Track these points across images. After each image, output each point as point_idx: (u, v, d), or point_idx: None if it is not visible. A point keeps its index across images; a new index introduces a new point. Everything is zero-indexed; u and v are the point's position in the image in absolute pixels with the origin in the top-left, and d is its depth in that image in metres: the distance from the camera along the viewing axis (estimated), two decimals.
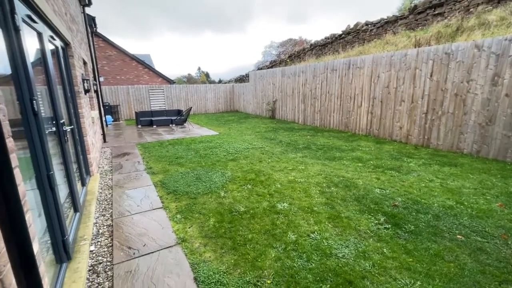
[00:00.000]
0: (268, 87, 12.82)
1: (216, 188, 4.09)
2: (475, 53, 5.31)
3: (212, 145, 7.10)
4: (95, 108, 6.95)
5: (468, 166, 4.80)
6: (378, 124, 7.49)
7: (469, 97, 5.48)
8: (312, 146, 6.73)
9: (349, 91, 8.31)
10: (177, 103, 15.34)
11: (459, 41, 6.83)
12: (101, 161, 5.85)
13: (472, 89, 5.41)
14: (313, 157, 5.70)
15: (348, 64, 8.23)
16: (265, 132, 8.99)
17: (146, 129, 10.64)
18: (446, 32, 7.53)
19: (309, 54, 14.71)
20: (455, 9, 8.32)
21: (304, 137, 7.90)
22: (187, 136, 8.60)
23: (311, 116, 10.15)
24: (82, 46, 5.95)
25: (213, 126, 10.74)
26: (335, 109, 8.94)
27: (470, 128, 5.51)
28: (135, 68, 16.99)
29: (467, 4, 8.01)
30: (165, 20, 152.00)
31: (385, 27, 10.56)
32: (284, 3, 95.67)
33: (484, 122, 5.29)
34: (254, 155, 6.05)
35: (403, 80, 6.69)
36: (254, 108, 14.59)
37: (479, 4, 7.66)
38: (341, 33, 12.60)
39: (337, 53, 11.86)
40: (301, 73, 10.36)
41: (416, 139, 6.53)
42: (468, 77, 5.46)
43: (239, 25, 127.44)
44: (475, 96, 5.37)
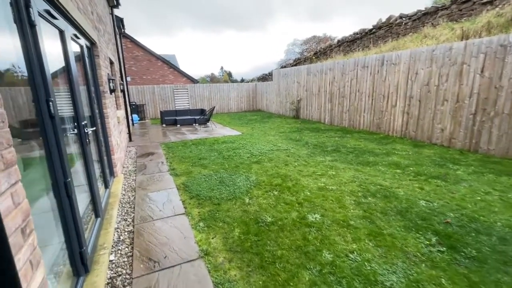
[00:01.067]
0: (292, 85, 12.40)
1: (240, 193, 3.85)
2: None
3: (235, 146, 6.89)
4: (121, 108, 7.03)
5: None
6: (415, 125, 6.83)
7: None
8: (342, 148, 6.27)
9: (382, 90, 7.69)
10: (201, 103, 15.41)
11: None
12: (126, 161, 5.86)
13: None
14: (343, 161, 5.27)
15: (382, 60, 7.61)
16: (289, 133, 8.63)
17: (170, 128, 10.73)
18: (498, 22, 6.67)
19: (336, 51, 14.04)
20: None
21: (332, 139, 7.44)
22: (210, 136, 8.49)
23: (338, 116, 9.61)
24: (110, 47, 6.00)
25: (236, 126, 10.57)
26: (366, 109, 8.35)
27: None
28: (161, 68, 17.35)
29: None
30: (189, 19, 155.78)
31: (422, 19, 9.70)
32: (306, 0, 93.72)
33: None
34: (279, 157, 5.74)
35: (446, 77, 6.00)
36: (277, 108, 14.23)
37: None
38: (372, 28, 11.83)
39: (367, 49, 11.15)
40: (329, 71, 9.83)
41: (461, 143, 5.83)
42: None
43: (262, 23, 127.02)
44: None
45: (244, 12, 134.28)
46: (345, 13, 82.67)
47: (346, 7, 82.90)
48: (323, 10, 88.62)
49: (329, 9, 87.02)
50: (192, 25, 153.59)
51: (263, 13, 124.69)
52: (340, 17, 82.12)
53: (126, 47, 15.82)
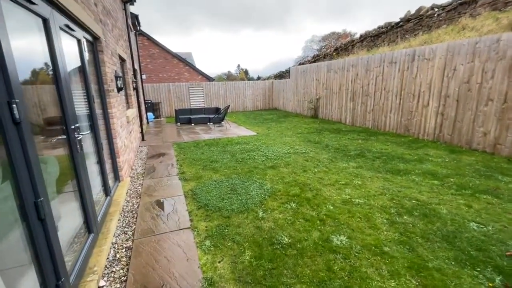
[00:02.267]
0: (311, 83, 11.79)
1: (253, 204, 3.43)
2: None
3: (249, 148, 6.48)
4: (133, 106, 6.83)
5: None
6: (451, 128, 6.08)
7: None
8: (367, 153, 5.68)
9: (412, 88, 6.95)
10: (216, 101, 15.14)
11: None
12: (135, 162, 5.62)
13: None
14: (370, 169, 4.70)
15: (412, 55, 6.87)
16: (307, 134, 8.09)
17: (184, 127, 10.52)
18: None
19: (358, 47, 13.23)
20: None
21: (355, 141, 6.83)
22: (224, 136, 8.14)
23: (361, 116, 8.93)
24: (120, 43, 5.77)
25: (251, 126, 10.16)
26: (393, 109, 7.63)
27: None
28: (176, 66, 17.27)
29: None
30: (206, 17, 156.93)
31: (459, 9, 8.76)
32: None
33: None
34: (297, 162, 5.26)
35: (492, 73, 5.23)
36: (294, 106, 13.66)
37: None
38: (399, 21, 10.95)
39: (394, 43, 10.31)
40: (351, 67, 9.16)
41: (509, 149, 5.05)
42: None
43: (280, 20, 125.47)
44: None
45: (263, 9, 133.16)
46: (366, 8, 79.61)
47: (367, 2, 79.75)
48: (343, 6, 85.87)
49: (349, 5, 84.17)
50: (210, 24, 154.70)
51: (281, 10, 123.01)
52: (361, 13, 79.21)
53: (142, 45, 15.85)
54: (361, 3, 79.48)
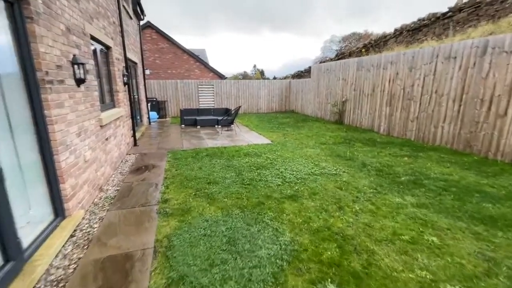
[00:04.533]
0: (336, 83, 10.16)
1: (262, 282, 1.97)
2: None
3: (261, 162, 5.03)
4: (121, 105, 5.56)
5: None
6: None
7: None
8: (424, 179, 4.06)
9: (480, 91, 5.24)
10: (227, 101, 13.81)
11: None
12: (112, 179, 4.31)
13: None
14: (441, 210, 3.11)
15: (484, 47, 5.16)
16: (334, 145, 6.53)
17: (188, 129, 9.22)
18: None
19: (392, 42, 11.44)
20: None
21: (400, 159, 5.21)
22: (231, 144, 6.73)
23: (401, 125, 7.24)
24: (101, 23, 4.49)
25: (265, 131, 8.70)
26: (448, 117, 5.92)
27: None
28: (186, 62, 16.10)
29: None
30: (225, 17, 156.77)
31: None
32: None
33: None
34: (327, 189, 3.74)
35: None
36: (315, 109, 12.06)
37: None
38: (447, 11, 9.10)
39: (444, 37, 8.51)
40: (389, 65, 7.48)
41: None
42: None
43: (297, 20, 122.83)
44: None
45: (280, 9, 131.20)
46: (387, 9, 75.83)
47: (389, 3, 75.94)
48: (364, 6, 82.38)
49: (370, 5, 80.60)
50: (228, 24, 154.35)
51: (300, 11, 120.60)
52: (382, 14, 75.49)
53: (151, 38, 14.81)
54: (383, 4, 75.76)
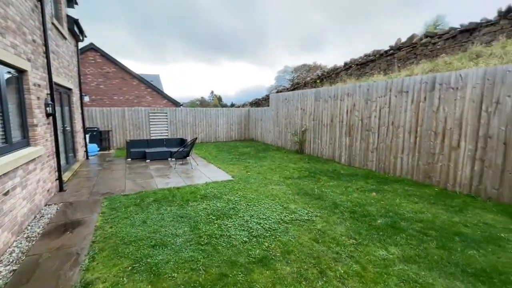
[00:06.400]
0: (295, 113, 10.15)
1: None
2: None
3: (222, 208, 4.25)
4: (38, 143, 4.34)
5: None
6: (497, 179, 4.49)
7: None
8: (401, 222, 3.76)
9: (433, 124, 5.44)
10: (183, 130, 12.84)
11: None
12: (7, 252, 3.07)
13: None
14: (431, 266, 2.71)
15: (432, 83, 5.45)
16: (299, 179, 6.11)
17: (135, 164, 7.99)
18: None
19: (343, 75, 12.16)
20: None
21: (368, 195, 4.95)
22: (186, 183, 5.82)
23: (361, 155, 7.25)
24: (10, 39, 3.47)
25: (224, 163, 7.97)
26: (405, 149, 6.03)
27: None
28: (136, 88, 14.85)
29: None
30: (180, 45, 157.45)
31: (459, 38, 7.90)
32: (296, 29, 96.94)
33: None
34: (302, 244, 3.14)
35: None
36: (275, 138, 11.86)
37: None
38: (389, 49, 10.04)
39: (389, 71, 9.21)
40: (346, 96, 7.65)
41: None
42: None
43: (252, 51, 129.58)
44: None
45: (237, 40, 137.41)
46: (334, 44, 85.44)
47: (335, 39, 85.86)
48: (313, 41, 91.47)
49: (318, 41, 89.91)
50: (183, 51, 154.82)
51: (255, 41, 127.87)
52: (329, 48, 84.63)
53: (94, 61, 13.38)
54: (327, 40, 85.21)
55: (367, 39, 68.90)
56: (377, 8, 74.46)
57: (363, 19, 78.57)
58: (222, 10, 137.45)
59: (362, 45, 72.98)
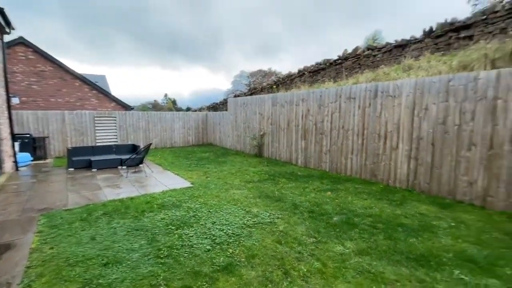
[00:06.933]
0: (254, 117, 10.32)
1: None
2: None
3: (181, 217, 4.07)
4: None
5: None
6: (428, 175, 5.21)
7: None
8: (354, 218, 4.08)
9: (377, 127, 6.08)
10: (134, 135, 11.98)
11: None
12: None
13: None
14: (381, 256, 3.00)
15: (375, 91, 6.10)
16: (260, 182, 6.20)
17: (79, 174, 7.16)
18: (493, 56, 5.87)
19: (297, 81, 12.80)
20: (487, 31, 6.91)
21: (324, 194, 5.27)
22: (141, 193, 5.42)
23: (316, 157, 7.69)
24: None
25: (182, 170, 7.66)
26: (354, 150, 6.60)
27: None
28: (79, 89, 13.38)
29: (505, 26, 6.63)
30: (130, 44, 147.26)
31: (394, 52, 9.01)
32: (252, 35, 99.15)
33: None
34: (265, 247, 3.18)
35: (471, 114, 4.60)
36: (234, 142, 11.86)
37: None
38: (337, 58, 10.94)
39: (339, 79, 10.01)
40: (301, 102, 8.06)
41: (504, 204, 4.28)
42: None
43: (208, 53, 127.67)
44: None
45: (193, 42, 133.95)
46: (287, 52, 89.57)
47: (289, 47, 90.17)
48: (268, 47, 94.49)
49: (273, 47, 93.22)
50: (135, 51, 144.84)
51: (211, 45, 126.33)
52: (283, 55, 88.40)
53: (25, 58, 11.67)
54: (282, 47, 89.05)
55: (318, 48, 73.90)
56: (326, 20, 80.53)
57: (314, 29, 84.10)
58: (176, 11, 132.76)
59: (314, 53, 78.01)
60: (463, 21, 7.36)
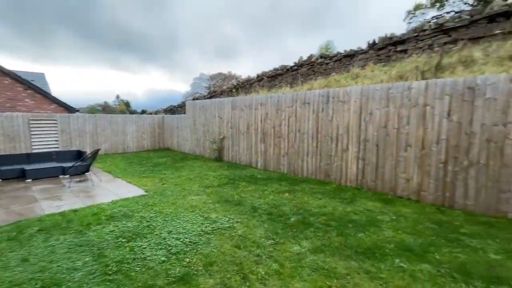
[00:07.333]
0: (213, 120, 10.18)
1: None
2: (511, 88, 4.14)
3: (133, 228, 3.79)
4: None
5: None
6: (373, 174, 5.73)
7: (508, 144, 4.18)
8: (309, 217, 4.27)
9: (330, 130, 6.49)
10: (80, 140, 10.85)
11: (445, 77, 5.98)
12: None
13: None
14: (334, 252, 3.19)
15: (327, 97, 6.51)
16: (219, 187, 6.12)
17: (8, 187, 6.20)
18: (422, 68, 6.76)
19: (256, 85, 13.03)
20: (418, 46, 7.93)
21: (282, 196, 5.43)
22: (86, 204, 4.92)
23: (275, 160, 7.89)
24: None
25: (136, 177, 7.17)
26: (310, 152, 6.94)
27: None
28: (10, 88, 11.64)
29: (431, 43, 7.69)
30: (75, 40, 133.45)
31: (343, 61, 9.76)
32: (212, 38, 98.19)
33: None
34: (224, 253, 3.14)
35: (407, 119, 5.20)
36: (193, 146, 11.53)
37: (446, 43, 7.34)
38: (294, 65, 11.44)
39: (295, 85, 10.45)
40: (260, 106, 8.21)
41: (433, 197, 4.92)
42: (504, 119, 4.21)
43: (164, 54, 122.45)
44: None
45: (148, 41, 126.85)
46: (247, 56, 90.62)
47: (249, 50, 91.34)
48: (228, 51, 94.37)
49: (233, 51, 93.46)
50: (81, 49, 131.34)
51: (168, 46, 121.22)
52: (244, 59, 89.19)
53: None
54: (242, 52, 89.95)
55: (276, 54, 76.43)
56: (283, 27, 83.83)
57: (272, 35, 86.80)
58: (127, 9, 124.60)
59: (273, 59, 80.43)
60: (399, 36, 8.33)
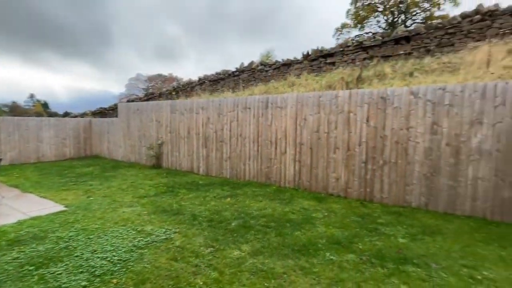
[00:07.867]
0: (150, 124, 9.48)
1: None
2: (411, 99, 5.02)
3: (47, 251, 3.21)
4: None
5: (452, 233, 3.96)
6: (308, 175, 6.19)
7: (410, 145, 5.04)
8: (250, 220, 4.33)
9: (269, 135, 6.75)
10: None
11: (364, 87, 6.92)
12: None
13: (413, 137, 5.01)
14: (273, 253, 3.29)
15: (266, 103, 6.77)
16: (156, 196, 5.71)
17: None
18: (347, 80, 7.67)
19: (198, 89, 12.72)
20: (344, 60, 8.97)
21: (224, 201, 5.38)
22: None
23: (217, 165, 7.79)
24: None
25: (53, 190, 6.13)
26: (251, 156, 7.09)
27: (415, 179, 5.01)
28: None
29: (354, 57, 8.79)
30: None
31: (282, 69, 10.35)
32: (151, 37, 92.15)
33: (428, 172, 4.89)
34: (159, 267, 2.91)
35: (335, 124, 5.80)
36: (127, 153, 10.50)
37: (365, 59, 8.49)
38: (235, 70, 11.59)
39: (236, 90, 10.56)
40: (201, 110, 8.02)
41: (357, 193, 5.58)
42: (407, 124, 5.06)
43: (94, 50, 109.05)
44: (417, 144, 4.98)
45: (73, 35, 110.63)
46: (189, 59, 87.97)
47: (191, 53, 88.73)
48: (169, 51, 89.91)
49: (174, 52, 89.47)
50: None
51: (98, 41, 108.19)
52: (186, 61, 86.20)
53: None
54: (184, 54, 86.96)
55: (219, 58, 76.16)
56: (224, 32, 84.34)
57: (214, 38, 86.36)
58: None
59: (215, 62, 79.88)
60: (329, 50, 9.29)
